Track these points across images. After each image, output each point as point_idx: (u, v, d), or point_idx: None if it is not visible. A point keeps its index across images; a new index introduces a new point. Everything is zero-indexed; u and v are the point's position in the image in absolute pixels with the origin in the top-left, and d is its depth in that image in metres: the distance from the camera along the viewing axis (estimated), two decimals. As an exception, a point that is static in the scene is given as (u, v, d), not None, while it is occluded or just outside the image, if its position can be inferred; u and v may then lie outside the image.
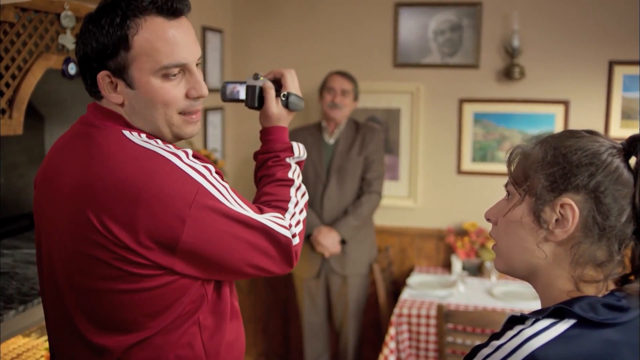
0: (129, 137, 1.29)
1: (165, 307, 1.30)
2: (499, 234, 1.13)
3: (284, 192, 1.51)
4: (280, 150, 1.56)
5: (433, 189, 4.04)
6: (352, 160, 3.62)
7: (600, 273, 1.04)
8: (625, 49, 3.66)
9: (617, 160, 1.03)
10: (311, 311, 3.77)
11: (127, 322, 1.30)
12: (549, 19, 3.75)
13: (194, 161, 1.29)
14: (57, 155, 1.38)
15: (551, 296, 1.07)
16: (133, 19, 1.26)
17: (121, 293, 1.27)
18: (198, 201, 1.24)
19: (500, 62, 3.84)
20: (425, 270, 3.94)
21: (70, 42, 2.50)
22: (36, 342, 2.41)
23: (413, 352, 3.22)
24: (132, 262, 1.24)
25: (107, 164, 1.25)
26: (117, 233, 1.22)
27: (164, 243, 1.23)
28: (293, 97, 1.58)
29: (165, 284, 1.27)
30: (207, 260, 1.28)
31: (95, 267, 1.26)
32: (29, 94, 2.38)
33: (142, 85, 1.29)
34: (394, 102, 4.01)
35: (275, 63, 4.09)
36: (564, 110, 3.77)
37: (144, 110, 1.31)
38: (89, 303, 1.31)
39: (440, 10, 3.89)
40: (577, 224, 1.03)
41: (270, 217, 1.37)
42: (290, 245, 1.39)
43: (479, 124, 3.91)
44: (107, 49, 1.26)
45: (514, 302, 3.25)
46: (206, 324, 1.37)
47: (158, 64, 1.27)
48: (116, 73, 1.28)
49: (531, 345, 0.96)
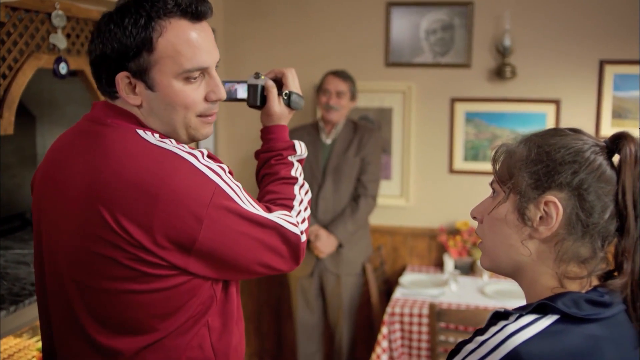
0: (143, 136, 1.27)
1: (176, 309, 1.29)
2: (485, 232, 1.14)
3: (288, 190, 1.51)
4: (282, 148, 1.57)
5: (425, 188, 4.05)
6: (349, 160, 3.62)
7: (584, 269, 1.05)
8: (616, 48, 3.68)
9: (600, 158, 1.04)
10: (304, 310, 3.77)
11: (138, 323, 1.28)
12: (540, 18, 3.76)
13: (209, 161, 1.29)
14: (60, 154, 1.35)
15: (535, 293, 1.08)
16: (158, 20, 1.25)
17: (133, 294, 1.25)
18: (215, 201, 1.24)
19: (491, 62, 3.85)
20: (417, 269, 3.95)
21: (61, 41, 2.49)
22: (28, 342, 2.40)
23: (405, 351, 3.22)
24: (146, 262, 1.22)
25: (123, 162, 1.23)
26: (132, 232, 1.20)
27: (181, 243, 1.22)
28: (294, 95, 1.59)
29: (178, 284, 1.27)
30: (222, 259, 1.28)
31: (107, 267, 1.24)
32: (20, 94, 2.37)
33: (163, 88, 1.28)
34: (386, 101, 4.02)
35: (267, 62, 4.10)
36: (555, 110, 3.79)
37: (162, 112, 1.31)
38: (98, 304, 1.28)
39: (432, 9, 3.90)
40: (561, 221, 1.04)
41: (280, 215, 1.38)
42: (299, 243, 1.39)
43: (471, 123, 3.93)
44: (129, 50, 1.25)
45: (505, 300, 3.26)
46: (215, 325, 1.36)
47: (181, 68, 1.27)
48: (136, 74, 1.27)
49: (514, 341, 0.96)
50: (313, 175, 3.62)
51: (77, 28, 2.62)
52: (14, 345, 2.36)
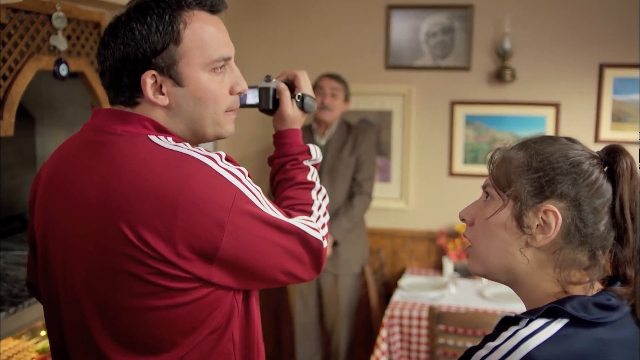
0: (156, 142, 1.21)
1: (198, 323, 1.23)
2: (477, 236, 1.13)
3: (306, 196, 1.46)
4: (297, 153, 1.52)
5: (424, 191, 4.05)
6: (344, 160, 3.62)
7: (586, 276, 1.06)
8: (616, 51, 3.69)
9: (597, 171, 1.05)
10: (303, 312, 3.77)
11: (159, 341, 1.22)
12: (540, 21, 3.77)
13: (228, 164, 1.23)
14: (66, 166, 1.27)
15: (537, 298, 1.08)
16: (181, 12, 1.23)
17: (155, 310, 1.19)
18: (236, 206, 1.18)
19: (491, 65, 3.85)
20: (416, 272, 3.95)
21: (61, 43, 2.49)
22: (27, 344, 2.40)
23: (404, 354, 3.22)
24: (169, 275, 1.16)
25: (138, 171, 1.16)
26: (154, 245, 1.14)
27: (203, 252, 1.16)
28: (308, 98, 1.54)
29: (201, 297, 1.21)
30: (244, 267, 1.22)
31: (128, 284, 1.17)
32: (20, 95, 2.37)
33: (193, 81, 1.24)
34: (386, 104, 4.02)
35: (268, 65, 4.10)
36: (555, 113, 3.79)
37: (191, 109, 1.26)
38: (117, 323, 1.21)
39: (432, 12, 3.90)
40: (559, 230, 1.04)
41: (301, 220, 1.33)
42: (321, 249, 1.34)
43: (471, 126, 3.93)
44: (157, 45, 1.20)
45: (505, 303, 3.26)
46: (238, 338, 1.31)
47: (209, 57, 1.25)
48: (163, 71, 1.22)
49: (527, 346, 0.97)
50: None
51: (78, 30, 2.62)
52: (13, 346, 2.36)
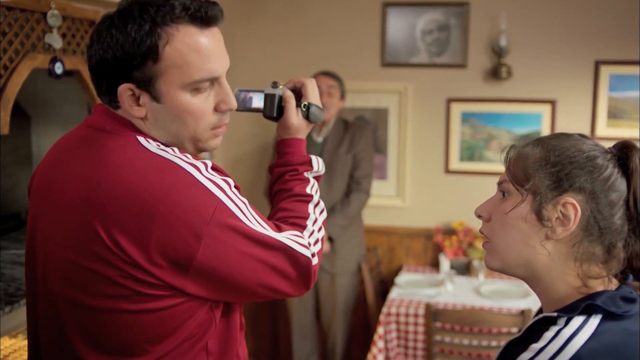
0: (144, 145, 1.18)
1: (170, 331, 1.19)
2: (494, 231, 1.14)
3: (302, 209, 1.41)
4: (298, 163, 1.47)
5: (421, 188, 4.05)
6: (341, 158, 3.62)
7: (604, 270, 1.08)
8: (611, 48, 3.69)
9: (611, 165, 1.07)
10: (300, 310, 3.77)
11: (129, 345, 1.19)
12: (536, 19, 3.77)
13: (213, 174, 1.19)
14: (58, 159, 1.26)
15: (557, 293, 1.09)
16: (164, 27, 1.14)
17: (125, 313, 1.16)
18: (216, 218, 1.14)
19: (487, 62, 3.85)
20: (413, 269, 3.95)
21: (56, 41, 2.49)
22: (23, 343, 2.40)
23: (401, 351, 3.22)
24: (140, 280, 1.13)
25: (120, 172, 1.14)
26: (127, 249, 1.11)
27: (178, 261, 1.13)
28: (314, 107, 1.49)
29: (173, 305, 1.17)
30: (221, 281, 1.18)
31: (100, 285, 1.15)
32: (15, 94, 2.36)
33: (170, 99, 1.18)
34: (382, 101, 4.02)
35: (263, 64, 4.09)
36: (551, 110, 3.79)
37: (169, 125, 1.21)
38: (89, 322, 1.20)
39: (428, 10, 3.90)
40: (579, 223, 1.06)
41: (289, 236, 1.27)
42: (310, 266, 1.28)
43: (467, 123, 3.93)
44: (133, 59, 1.14)
45: (501, 300, 3.26)
46: (213, 349, 1.27)
47: (190, 78, 1.18)
48: (141, 85, 1.16)
49: (574, 345, 0.99)
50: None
51: (73, 28, 2.61)
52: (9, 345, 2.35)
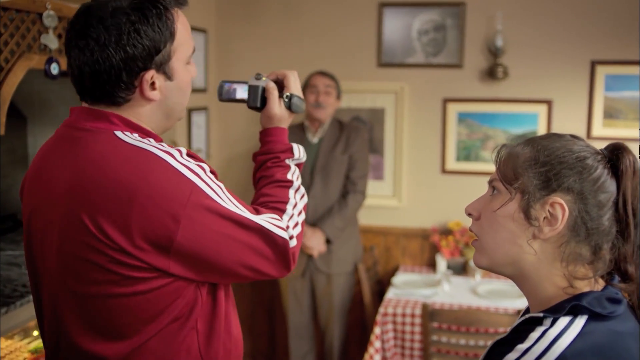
0: (121, 137, 1.26)
1: (160, 311, 1.28)
2: (483, 229, 1.15)
3: (283, 194, 1.49)
4: (280, 151, 1.55)
5: (417, 188, 4.05)
6: (337, 159, 3.62)
7: (590, 270, 1.08)
8: (607, 48, 3.70)
9: (601, 167, 1.08)
10: (296, 310, 3.77)
11: (122, 327, 1.28)
12: (532, 19, 3.78)
13: (188, 160, 1.28)
14: (43, 161, 1.35)
15: (544, 293, 1.10)
16: (171, 11, 1.30)
17: (116, 297, 1.25)
18: (192, 200, 1.23)
19: (483, 62, 3.86)
20: (410, 269, 3.95)
21: (52, 41, 2.48)
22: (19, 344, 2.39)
23: (398, 351, 3.23)
24: (127, 265, 1.22)
25: (100, 164, 1.23)
26: (112, 235, 1.20)
27: (159, 244, 1.21)
28: (296, 98, 1.58)
29: (160, 286, 1.26)
30: (202, 260, 1.26)
31: (90, 272, 1.24)
32: (11, 95, 2.36)
33: (180, 74, 1.33)
34: (379, 102, 4.02)
35: (260, 64, 4.09)
36: (547, 110, 3.80)
37: (175, 99, 1.35)
38: (83, 309, 1.28)
39: (424, 10, 3.90)
40: (566, 223, 1.06)
41: (266, 218, 1.35)
42: (287, 247, 1.36)
43: (463, 123, 3.93)
44: (160, 44, 1.27)
45: (498, 300, 3.27)
46: (202, 329, 1.34)
47: (189, 51, 1.35)
48: (160, 68, 1.29)
49: (560, 346, 0.99)
50: (301, 174, 3.60)
51: (69, 28, 2.60)
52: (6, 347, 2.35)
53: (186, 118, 3.77)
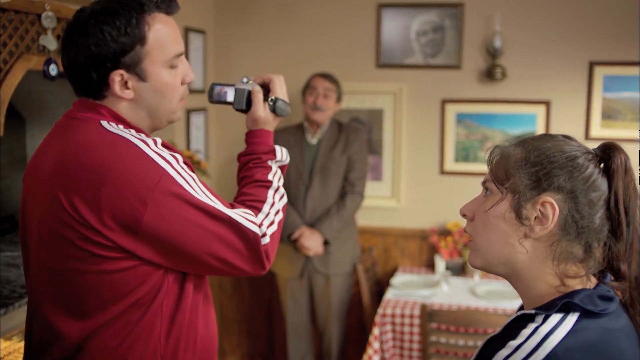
0: (105, 126, 1.35)
1: (124, 293, 1.33)
2: (477, 230, 1.16)
3: (261, 193, 1.53)
4: (262, 152, 1.60)
5: (416, 189, 4.05)
6: (335, 160, 3.62)
7: (582, 269, 1.09)
8: (605, 49, 3.70)
9: (592, 166, 1.09)
10: (294, 311, 3.77)
11: (86, 304, 1.34)
12: (531, 20, 3.78)
13: (161, 149, 1.35)
14: (40, 149, 1.44)
15: (537, 291, 1.11)
16: (144, 15, 1.36)
17: (83, 274, 1.32)
18: (161, 186, 1.29)
19: (482, 63, 3.86)
20: (408, 270, 3.95)
21: (51, 42, 2.48)
22: (18, 345, 2.39)
23: (397, 352, 3.23)
24: (94, 242, 1.28)
25: (80, 147, 1.32)
26: (82, 212, 1.27)
27: (126, 224, 1.28)
28: (280, 102, 1.63)
29: (126, 268, 1.31)
30: (169, 245, 1.31)
31: (62, 247, 1.32)
32: (10, 95, 2.36)
33: (155, 76, 1.39)
34: (377, 102, 4.02)
35: (258, 64, 4.09)
36: (546, 111, 3.80)
37: (152, 101, 1.41)
38: (54, 284, 1.36)
39: (422, 11, 3.90)
40: (557, 222, 1.07)
41: (238, 212, 1.40)
42: (258, 242, 1.40)
43: (461, 124, 3.94)
44: (125, 46, 1.34)
45: (497, 301, 3.27)
46: (165, 317, 1.39)
47: (168, 55, 1.39)
48: (130, 69, 1.36)
49: (551, 342, 1.00)
50: (300, 175, 3.61)
51: (67, 29, 2.60)
52: (4, 348, 2.35)
53: (185, 119, 3.77)
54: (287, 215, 3.55)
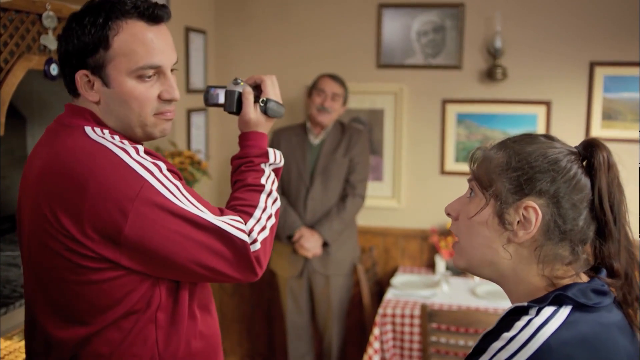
0: (87, 133, 1.34)
1: (114, 301, 1.32)
2: (461, 232, 1.17)
3: (253, 198, 1.49)
4: (255, 155, 1.56)
5: (416, 189, 4.05)
6: (337, 161, 3.61)
7: (571, 269, 1.09)
8: (606, 50, 3.70)
9: (575, 167, 1.09)
10: (294, 311, 3.77)
11: (79, 313, 1.33)
12: (531, 20, 3.78)
13: (144, 157, 1.32)
14: (32, 154, 1.44)
15: (524, 292, 1.11)
16: (115, 20, 1.33)
17: (73, 284, 1.31)
18: (142, 196, 1.27)
19: (482, 63, 3.86)
20: (409, 270, 3.95)
21: (52, 42, 2.48)
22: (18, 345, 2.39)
23: (397, 352, 3.23)
24: (79, 253, 1.28)
25: (62, 157, 1.31)
26: (65, 224, 1.27)
27: (108, 235, 1.26)
28: (272, 103, 1.58)
29: (112, 278, 1.30)
30: (152, 255, 1.29)
31: (50, 257, 1.31)
32: (10, 95, 2.36)
33: (118, 84, 1.35)
34: (378, 103, 4.02)
35: (259, 64, 4.09)
36: (546, 111, 3.80)
37: (117, 109, 1.37)
38: (48, 293, 1.36)
39: (423, 11, 3.91)
40: (539, 227, 1.07)
41: (225, 220, 1.36)
42: (246, 249, 1.36)
43: (462, 124, 3.94)
44: (87, 46, 1.33)
45: (497, 301, 3.27)
46: (163, 324, 1.37)
47: (134, 65, 1.34)
48: (94, 71, 1.34)
49: (544, 334, 1.00)
50: (301, 176, 3.61)
51: (68, 29, 2.60)
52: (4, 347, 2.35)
53: (185, 119, 3.77)
54: (287, 215, 3.55)
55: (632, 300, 1.11)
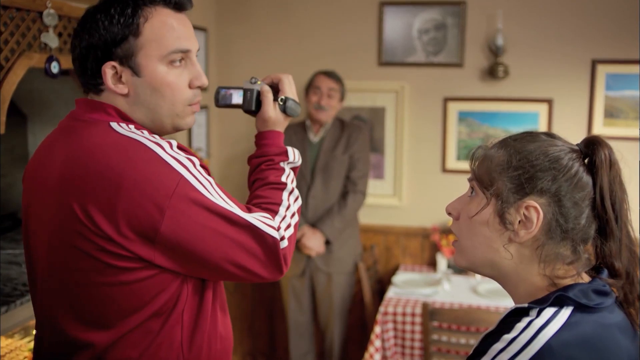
0: (114, 128, 1.29)
1: (143, 303, 1.28)
2: (462, 232, 1.16)
3: (276, 196, 1.47)
4: (274, 154, 1.54)
5: (418, 187, 4.05)
6: (337, 158, 3.61)
7: (572, 269, 1.08)
8: (608, 47, 3.69)
9: (577, 165, 1.07)
10: (296, 310, 3.77)
11: (105, 316, 1.29)
12: (533, 18, 3.77)
13: (177, 152, 1.29)
14: (43, 151, 1.37)
15: (525, 292, 1.11)
16: (143, 7, 1.31)
17: (101, 286, 1.26)
18: (179, 192, 1.23)
19: (484, 61, 3.85)
20: (410, 268, 3.95)
21: (53, 40, 2.48)
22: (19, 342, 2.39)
23: (399, 350, 3.23)
24: (112, 253, 1.23)
25: (91, 153, 1.25)
26: (99, 222, 1.21)
27: (144, 233, 1.22)
28: (290, 102, 1.57)
29: (144, 278, 1.26)
30: (187, 253, 1.26)
31: (77, 259, 1.26)
32: (11, 93, 2.35)
33: (150, 71, 1.32)
34: (379, 101, 4.02)
35: (260, 62, 4.09)
36: (548, 109, 3.80)
37: (149, 99, 1.34)
38: (71, 297, 1.30)
39: (424, 9, 3.90)
40: (541, 226, 1.06)
41: (257, 216, 1.34)
42: (277, 247, 1.35)
43: (464, 122, 3.93)
44: (116, 36, 1.29)
45: (498, 299, 3.26)
46: (187, 324, 1.35)
47: (165, 50, 1.32)
48: (123, 61, 1.31)
49: (545, 335, 0.99)
50: (302, 174, 3.61)
51: (69, 27, 2.60)
52: (6, 346, 2.35)
53: (186, 117, 3.76)
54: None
55: (634, 300, 1.10)
